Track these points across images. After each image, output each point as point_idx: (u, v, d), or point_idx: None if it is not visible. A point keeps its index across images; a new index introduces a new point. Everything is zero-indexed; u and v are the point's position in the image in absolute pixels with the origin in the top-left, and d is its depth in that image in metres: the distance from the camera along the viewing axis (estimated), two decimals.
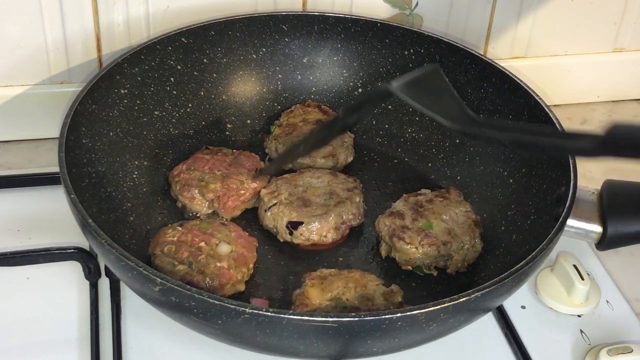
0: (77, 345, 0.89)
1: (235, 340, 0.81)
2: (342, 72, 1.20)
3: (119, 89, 1.05)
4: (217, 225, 0.97)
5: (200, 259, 0.91)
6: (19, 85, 1.15)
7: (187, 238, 0.94)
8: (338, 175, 1.07)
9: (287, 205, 1.01)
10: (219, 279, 0.90)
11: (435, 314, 0.76)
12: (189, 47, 1.12)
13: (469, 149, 1.11)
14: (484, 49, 1.29)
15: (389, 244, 0.99)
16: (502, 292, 0.82)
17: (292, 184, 1.04)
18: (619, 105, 1.39)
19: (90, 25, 1.12)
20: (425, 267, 0.98)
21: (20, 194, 1.07)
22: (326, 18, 1.17)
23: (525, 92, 1.05)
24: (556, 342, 0.94)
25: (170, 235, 0.95)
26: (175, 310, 0.80)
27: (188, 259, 0.91)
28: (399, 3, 1.23)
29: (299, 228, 0.99)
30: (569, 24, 1.29)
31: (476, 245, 0.99)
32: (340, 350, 0.78)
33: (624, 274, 1.05)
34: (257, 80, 1.18)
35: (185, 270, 0.90)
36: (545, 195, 0.98)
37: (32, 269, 0.95)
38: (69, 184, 0.86)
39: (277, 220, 1.01)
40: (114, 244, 0.80)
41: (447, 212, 1.01)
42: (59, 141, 0.92)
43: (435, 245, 0.97)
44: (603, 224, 0.91)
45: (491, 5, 1.24)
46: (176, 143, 1.11)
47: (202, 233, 0.95)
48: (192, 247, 0.93)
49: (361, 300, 0.90)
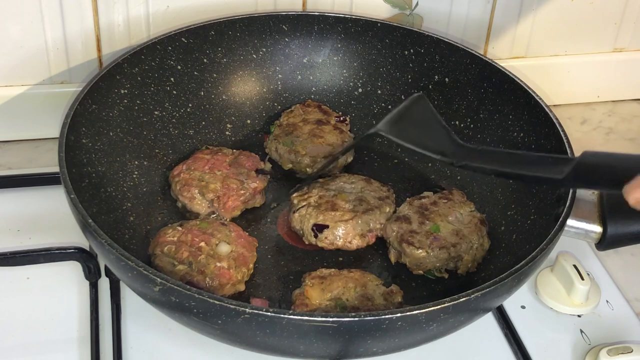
0: (77, 345, 0.89)
1: (235, 340, 0.81)
2: (342, 72, 1.20)
3: (119, 89, 1.05)
4: (217, 225, 0.97)
5: (200, 259, 0.91)
6: (19, 85, 1.15)
7: (187, 238, 0.94)
8: (372, 183, 1.06)
9: (315, 208, 1.00)
10: (219, 279, 0.90)
11: (435, 314, 0.76)
12: (189, 47, 1.12)
13: None
14: (484, 49, 1.29)
15: (398, 249, 0.99)
16: (502, 292, 0.82)
17: (324, 188, 1.04)
18: (619, 105, 1.39)
19: (90, 25, 1.12)
20: (436, 271, 0.98)
21: (20, 194, 1.07)
22: (326, 18, 1.17)
23: (525, 92, 1.05)
24: (556, 342, 0.94)
25: (170, 235, 0.95)
26: (175, 310, 0.80)
27: (188, 259, 0.91)
28: (399, 3, 1.23)
29: (324, 231, 0.99)
30: (569, 24, 1.29)
31: (484, 244, 0.99)
32: (340, 350, 0.78)
33: (624, 274, 1.05)
34: (257, 80, 1.18)
35: (185, 270, 0.90)
36: (545, 195, 0.98)
37: (32, 269, 0.95)
38: (69, 184, 0.86)
39: (303, 222, 1.00)
40: (114, 244, 0.80)
41: (452, 214, 1.01)
42: (59, 141, 0.92)
43: (445, 247, 0.97)
44: (603, 224, 0.91)
45: (491, 5, 1.24)
46: (176, 143, 1.11)
47: (202, 233, 0.95)
48: (192, 247, 0.93)
49: (361, 300, 0.90)
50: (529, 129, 1.04)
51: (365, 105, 1.19)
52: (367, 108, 1.19)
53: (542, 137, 1.01)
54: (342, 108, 1.19)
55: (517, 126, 1.06)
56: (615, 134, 1.33)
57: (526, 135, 1.05)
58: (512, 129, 1.06)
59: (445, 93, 1.14)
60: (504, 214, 1.03)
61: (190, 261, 0.91)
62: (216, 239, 0.94)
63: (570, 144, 0.97)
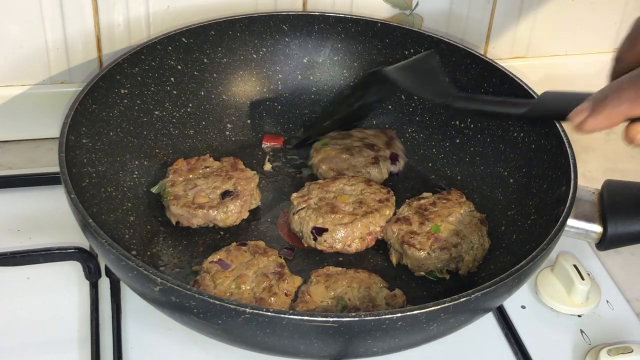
0: (77, 345, 0.89)
1: (235, 340, 0.81)
2: (342, 72, 1.20)
3: (119, 89, 1.05)
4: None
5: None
6: (19, 85, 1.15)
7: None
8: (372, 185, 1.05)
9: (315, 211, 1.00)
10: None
11: (435, 314, 0.76)
12: (189, 47, 1.12)
13: (469, 149, 1.11)
14: (484, 49, 1.29)
15: (399, 251, 0.98)
16: (503, 292, 0.82)
17: (324, 189, 1.04)
18: None
19: (90, 25, 1.12)
20: (437, 272, 0.97)
21: (20, 194, 1.07)
22: (326, 18, 1.17)
23: (525, 92, 1.05)
24: (556, 342, 0.94)
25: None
26: (175, 310, 0.80)
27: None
28: (399, 3, 1.23)
29: (323, 234, 0.99)
30: (569, 24, 1.29)
31: (484, 244, 0.99)
32: (340, 350, 0.78)
33: (624, 274, 1.05)
34: (257, 80, 1.18)
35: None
36: (545, 195, 0.98)
37: (32, 269, 0.95)
38: (69, 184, 0.86)
39: (303, 224, 1.00)
40: (114, 244, 0.80)
41: (452, 214, 1.01)
42: (59, 141, 0.92)
43: (447, 248, 0.97)
44: (603, 224, 0.91)
45: (491, 5, 1.24)
46: (176, 143, 1.11)
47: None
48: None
49: (362, 300, 0.90)
50: (529, 129, 1.04)
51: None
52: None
53: (542, 137, 1.01)
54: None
55: (517, 126, 1.06)
56: (615, 134, 1.32)
57: (526, 135, 1.05)
58: (512, 129, 1.06)
59: None
60: (504, 214, 1.03)
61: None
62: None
63: (570, 144, 0.97)
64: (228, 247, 0.96)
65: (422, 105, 1.16)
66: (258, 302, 0.89)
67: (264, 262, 0.94)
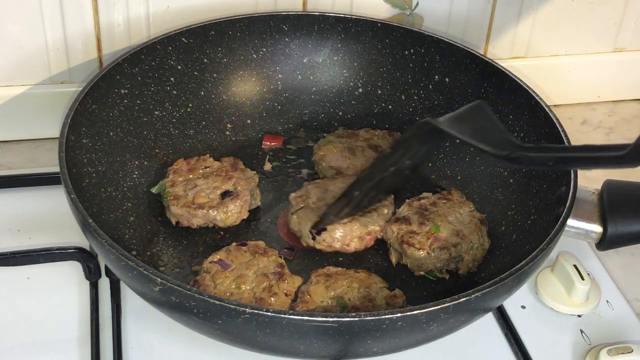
0: (77, 345, 0.89)
1: (235, 340, 0.81)
2: (342, 72, 1.20)
3: (119, 89, 1.05)
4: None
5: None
6: (19, 85, 1.15)
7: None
8: None
9: (314, 210, 1.00)
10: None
11: (435, 314, 0.76)
12: (189, 47, 1.12)
13: (469, 149, 1.11)
14: (484, 49, 1.29)
15: (399, 250, 0.98)
16: (503, 292, 0.82)
17: (322, 189, 1.04)
18: (619, 105, 1.39)
19: (90, 25, 1.12)
20: (437, 271, 0.97)
21: (20, 194, 1.07)
22: (326, 18, 1.17)
23: (525, 92, 1.05)
24: (556, 342, 0.94)
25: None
26: (175, 310, 0.80)
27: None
28: (399, 3, 1.23)
29: (322, 234, 0.99)
30: (569, 24, 1.29)
31: (484, 244, 0.99)
32: (340, 350, 0.78)
33: (624, 274, 1.05)
34: (257, 80, 1.18)
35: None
36: (545, 195, 0.98)
37: (32, 269, 0.95)
38: (69, 184, 0.86)
39: (301, 224, 1.00)
40: (114, 244, 0.80)
41: (452, 214, 1.01)
42: (59, 141, 0.92)
43: (446, 248, 0.97)
44: (603, 224, 0.91)
45: (491, 5, 1.24)
46: (176, 143, 1.11)
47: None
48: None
49: (362, 301, 0.90)
50: (529, 129, 1.04)
51: (366, 105, 1.19)
52: (368, 108, 1.19)
53: (542, 137, 1.01)
54: (342, 108, 1.19)
55: (517, 126, 1.06)
56: (615, 134, 1.33)
57: (526, 136, 1.05)
58: (512, 129, 1.06)
59: (445, 93, 1.14)
60: (504, 214, 1.03)
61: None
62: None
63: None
64: (228, 247, 0.96)
65: (422, 106, 1.16)
66: (258, 302, 0.89)
67: (264, 262, 0.94)
